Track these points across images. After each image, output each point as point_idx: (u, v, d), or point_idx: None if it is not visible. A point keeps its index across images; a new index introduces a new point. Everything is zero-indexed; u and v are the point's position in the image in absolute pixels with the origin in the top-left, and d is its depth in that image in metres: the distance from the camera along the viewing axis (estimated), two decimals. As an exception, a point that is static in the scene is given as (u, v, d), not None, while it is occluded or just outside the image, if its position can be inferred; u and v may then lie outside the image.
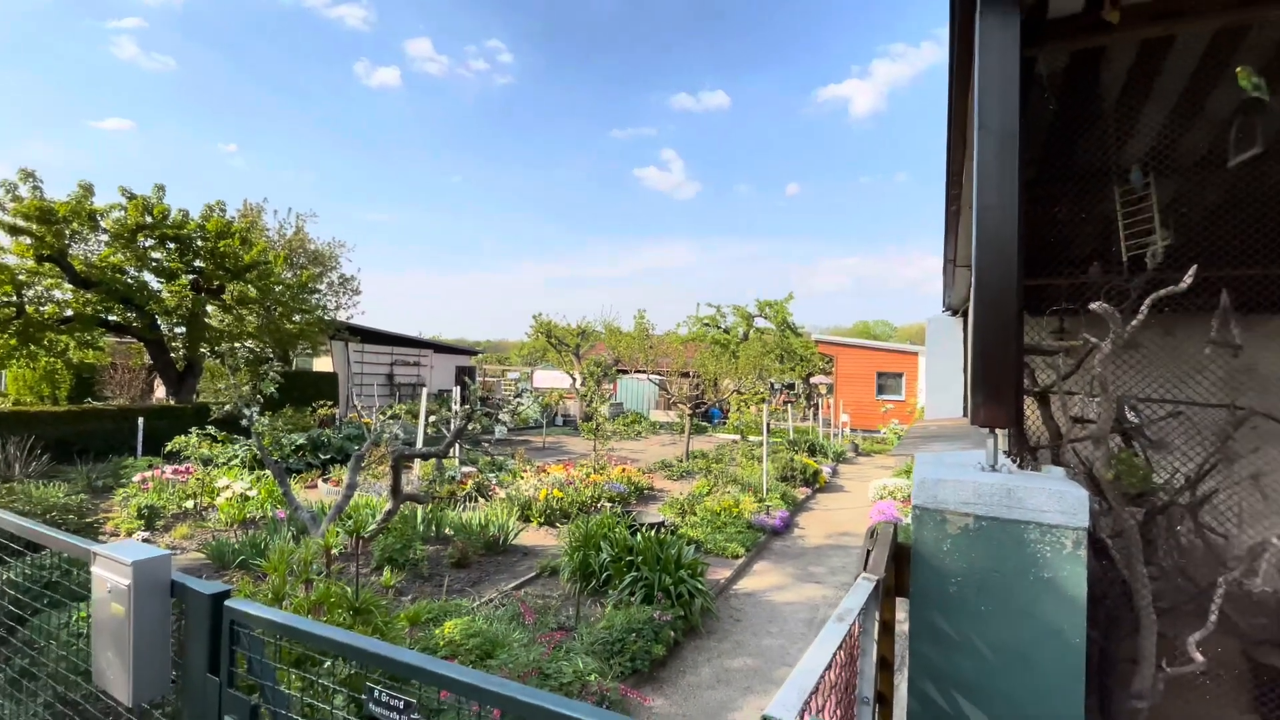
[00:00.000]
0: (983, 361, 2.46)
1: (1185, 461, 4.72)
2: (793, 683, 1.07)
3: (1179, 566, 3.84)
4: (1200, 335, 3.95)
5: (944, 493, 2.40)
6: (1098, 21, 2.52)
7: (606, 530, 6.40)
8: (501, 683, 1.26)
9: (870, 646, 1.73)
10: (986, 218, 2.45)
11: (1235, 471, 5.11)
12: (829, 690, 1.37)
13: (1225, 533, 4.58)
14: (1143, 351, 5.47)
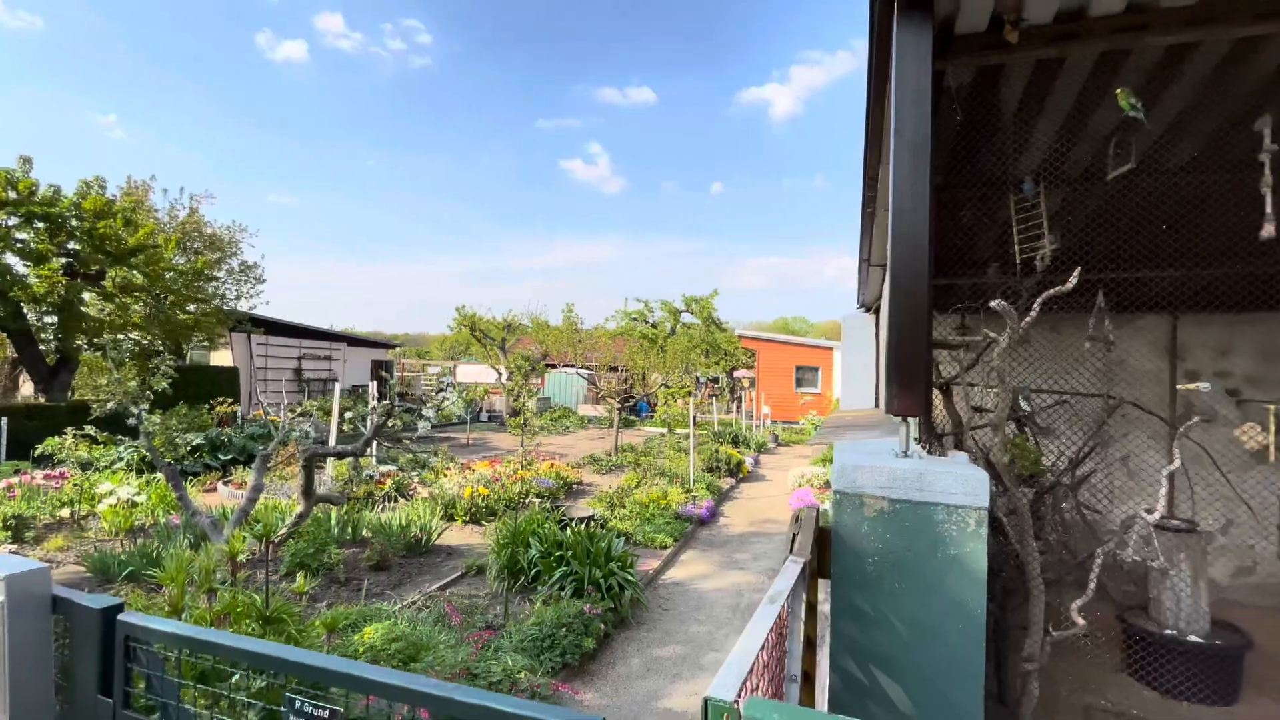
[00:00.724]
0: (896, 355, 2.61)
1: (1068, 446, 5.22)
2: (730, 665, 1.11)
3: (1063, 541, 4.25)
4: (1082, 332, 4.36)
5: (862, 478, 2.54)
6: (1000, 40, 2.72)
7: (535, 526, 6.33)
8: (433, 683, 1.23)
9: (797, 627, 1.81)
10: (901, 220, 2.60)
11: (1109, 454, 5.71)
12: (762, 669, 1.42)
13: (1100, 509, 5.11)
14: (1033, 346, 5.98)
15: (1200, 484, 5.59)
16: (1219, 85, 3.00)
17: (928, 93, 2.58)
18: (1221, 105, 3.15)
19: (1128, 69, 2.93)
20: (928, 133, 2.58)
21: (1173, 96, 3.12)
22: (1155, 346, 5.76)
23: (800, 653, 1.79)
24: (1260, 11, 2.50)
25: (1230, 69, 2.89)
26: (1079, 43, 2.71)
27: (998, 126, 3.43)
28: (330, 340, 23.99)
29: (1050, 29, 2.69)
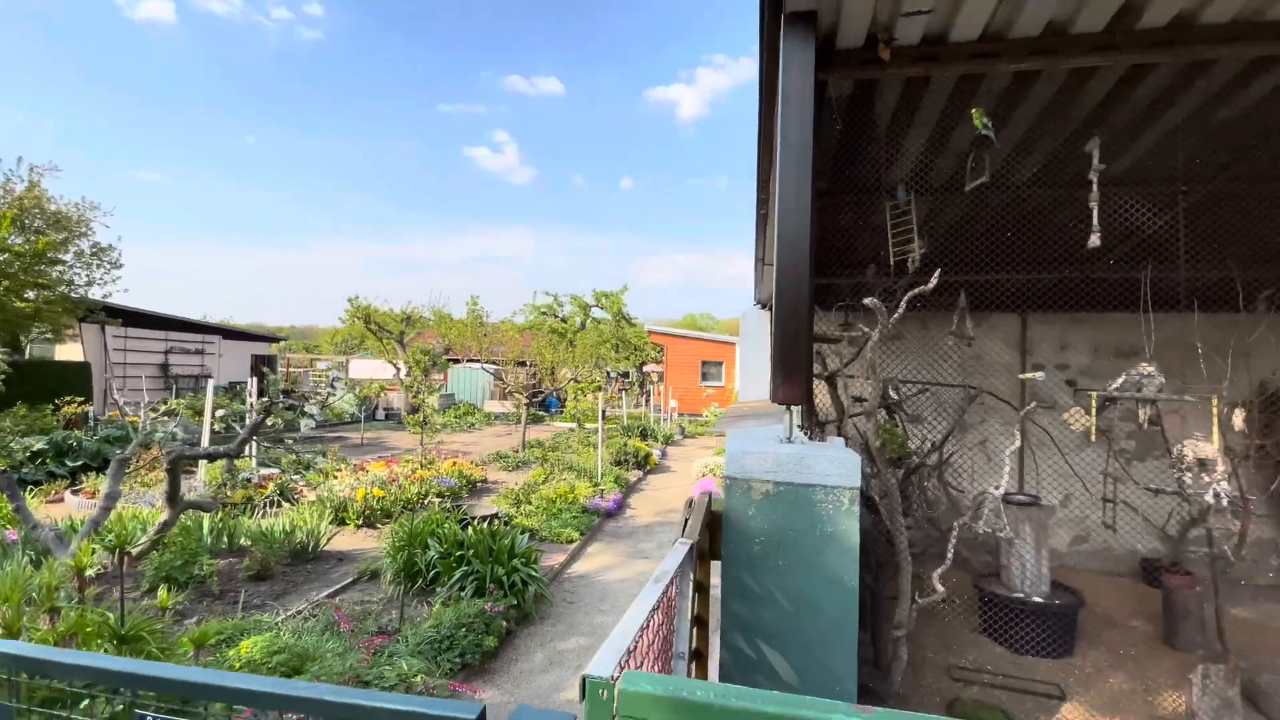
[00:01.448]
0: (781, 348, 2.77)
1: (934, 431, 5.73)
2: (610, 644, 1.14)
3: (929, 517, 4.68)
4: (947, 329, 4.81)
5: (749, 463, 2.67)
6: (875, 57, 2.94)
7: (434, 526, 6.13)
8: (302, 685, 1.18)
9: (685, 606, 1.89)
10: (785, 222, 2.75)
11: (970, 438, 6.33)
12: (647, 648, 1.47)
13: (963, 488, 5.65)
14: (906, 341, 6.51)
15: (1045, 463, 6.34)
16: (1058, 110, 3.41)
17: (810, 101, 2.75)
18: (1060, 128, 3.58)
19: (983, 91, 3.27)
20: (810, 139, 2.75)
21: (1020, 118, 3.51)
22: (1008, 342, 6.46)
23: (689, 631, 1.87)
24: (1092, 45, 2.87)
25: (1067, 96, 3.30)
26: (941, 65, 2.98)
27: (873, 137, 3.71)
28: (203, 333, 21.85)
29: (917, 50, 2.94)
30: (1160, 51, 2.81)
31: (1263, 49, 2.77)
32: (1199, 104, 3.25)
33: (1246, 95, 3.18)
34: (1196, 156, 3.64)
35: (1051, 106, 3.37)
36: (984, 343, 6.48)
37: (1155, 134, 3.53)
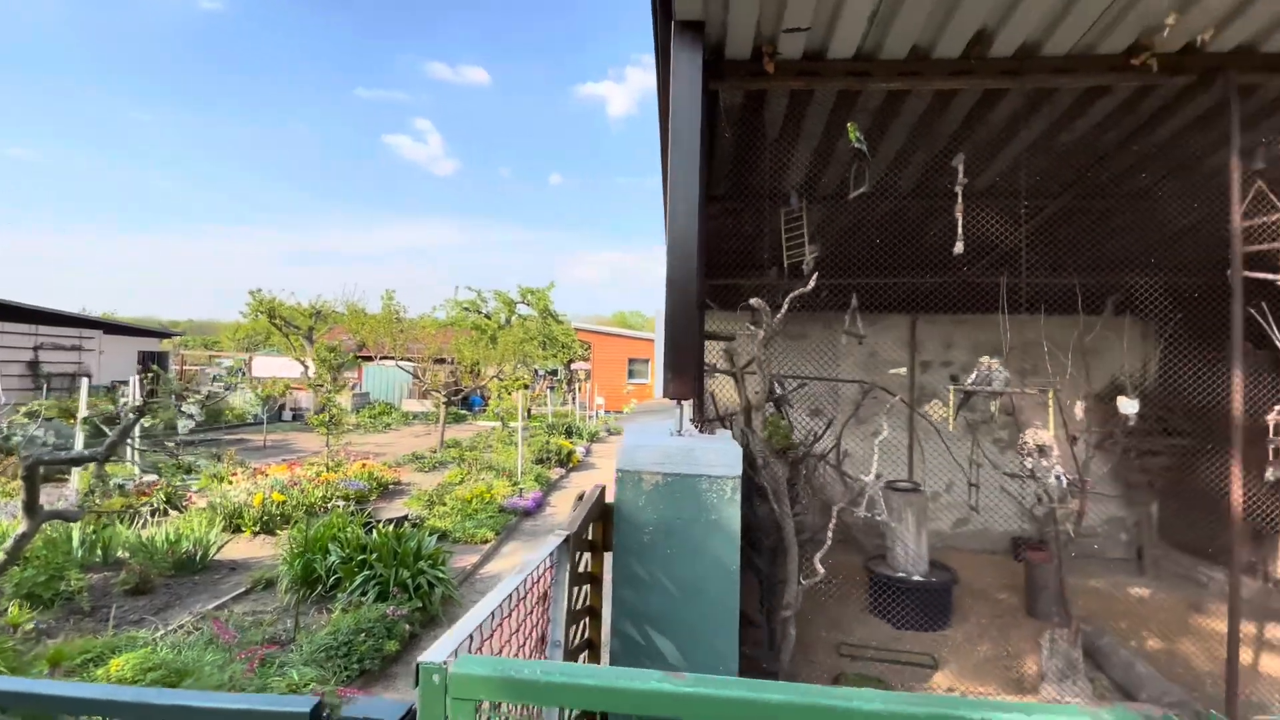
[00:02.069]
0: (671, 346, 2.87)
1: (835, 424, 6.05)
2: (451, 632, 1.18)
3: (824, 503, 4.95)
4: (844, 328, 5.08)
5: (641, 456, 2.76)
6: (760, 69, 3.10)
7: (336, 531, 5.89)
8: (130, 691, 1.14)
9: (561, 595, 1.94)
10: (675, 223, 2.86)
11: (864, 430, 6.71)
12: (510, 636, 1.52)
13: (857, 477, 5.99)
14: (810, 340, 6.84)
15: (931, 453, 6.85)
16: (926, 127, 3.71)
17: (698, 107, 2.86)
18: (931, 144, 3.89)
19: (860, 107, 3.51)
20: (698, 144, 2.86)
21: (895, 133, 3.79)
22: (899, 341, 6.93)
23: (564, 619, 1.92)
24: (951, 70, 3.15)
25: (933, 115, 3.59)
26: (822, 79, 3.18)
27: (765, 146, 3.90)
28: (81, 327, 19.87)
29: (799, 64, 3.12)
30: (1009, 79, 3.12)
31: (1096, 80, 3.13)
32: (1045, 127, 3.63)
33: (1085, 121, 3.58)
34: (1046, 174, 4.06)
35: (921, 124, 3.66)
36: (879, 341, 6.93)
37: (1011, 153, 3.91)
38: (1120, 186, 4.15)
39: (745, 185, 4.37)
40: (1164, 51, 2.93)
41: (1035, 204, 4.44)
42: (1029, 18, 2.77)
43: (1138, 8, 2.70)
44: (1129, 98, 3.37)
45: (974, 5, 2.71)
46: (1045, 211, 4.47)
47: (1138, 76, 3.03)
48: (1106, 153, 3.81)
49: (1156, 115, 3.44)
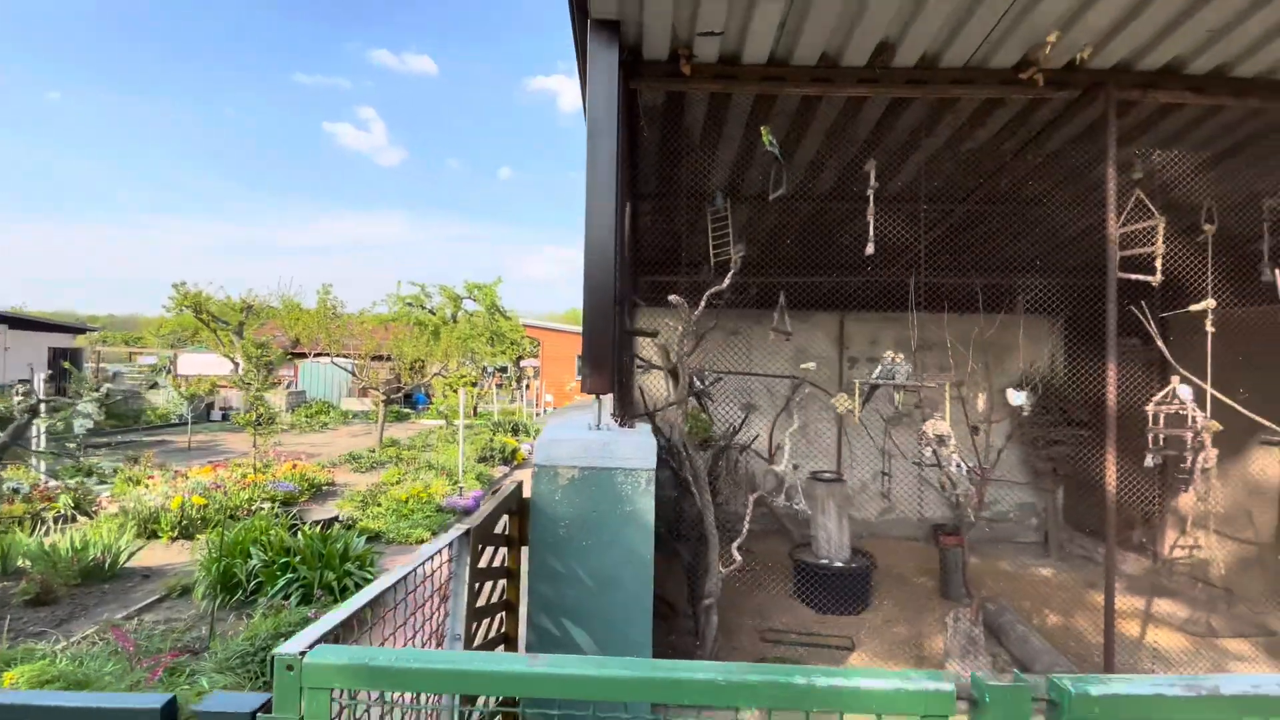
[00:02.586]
0: (589, 341, 2.91)
1: (764, 417, 6.23)
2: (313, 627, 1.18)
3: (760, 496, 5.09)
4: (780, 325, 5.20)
5: (557, 451, 2.79)
6: (678, 70, 3.16)
7: (258, 534, 5.69)
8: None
9: (461, 589, 1.95)
10: (593, 221, 2.89)
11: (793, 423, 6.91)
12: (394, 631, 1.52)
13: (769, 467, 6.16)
14: (743, 336, 6.99)
15: (859, 445, 7.13)
16: (840, 132, 3.86)
17: (615, 104, 2.91)
18: (846, 149, 4.06)
19: (777, 111, 3.62)
20: (614, 141, 2.91)
21: (812, 137, 3.94)
22: (829, 337, 7.18)
23: (464, 613, 1.94)
24: (859, 78, 3.29)
25: (846, 120, 3.74)
26: (739, 83, 3.27)
27: (690, 146, 3.98)
28: (-19, 323, 18.37)
29: (716, 68, 3.20)
30: (913, 88, 3.29)
31: (991, 92, 3.33)
32: (949, 135, 3.84)
33: (984, 130, 3.81)
34: (952, 180, 4.30)
35: (835, 129, 3.81)
36: (809, 338, 7.16)
37: (919, 159, 4.12)
38: (1019, 193, 4.43)
39: (674, 184, 4.44)
40: (1049, 67, 3.15)
41: (943, 208, 4.69)
42: (926, 31, 2.93)
43: (1024, 25, 2.90)
44: (1022, 109, 3.61)
45: (876, 17, 2.85)
46: (954, 216, 4.73)
47: (1027, 90, 3.25)
48: (1005, 161, 4.06)
49: (1047, 127, 3.70)
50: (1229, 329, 4.28)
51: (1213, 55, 3.12)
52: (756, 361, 6.71)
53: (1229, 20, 2.86)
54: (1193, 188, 3.94)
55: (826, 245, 4.87)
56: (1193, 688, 1.03)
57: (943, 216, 4.86)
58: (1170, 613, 5.09)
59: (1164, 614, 5.08)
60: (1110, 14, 2.81)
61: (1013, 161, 4.02)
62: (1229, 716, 1.03)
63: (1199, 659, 4.34)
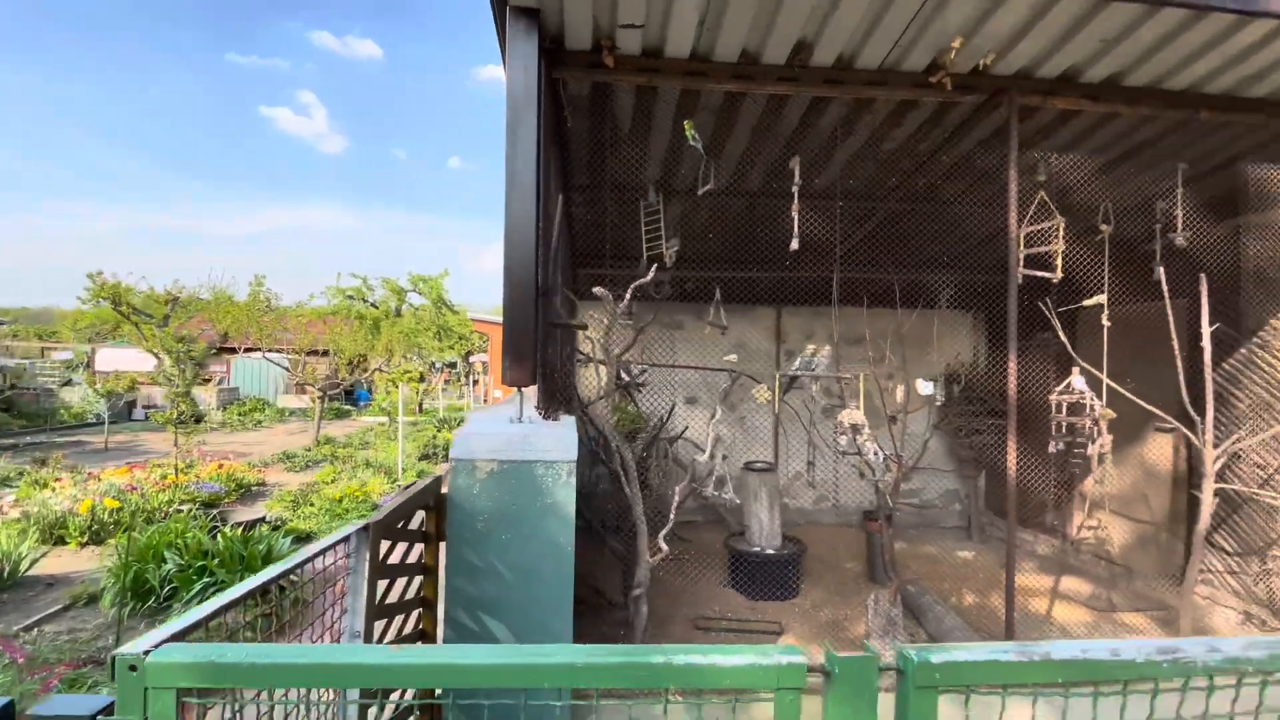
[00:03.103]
0: (510, 333, 2.88)
1: (704, 409, 6.31)
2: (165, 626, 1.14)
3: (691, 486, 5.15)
4: (717, 320, 5.28)
5: (475, 444, 2.75)
6: (601, 61, 3.15)
7: (174, 537, 5.41)
8: None
9: (360, 585, 1.91)
10: (513, 209, 2.86)
11: (732, 416, 7.04)
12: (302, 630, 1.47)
13: (694, 457, 6.25)
14: (685, 330, 7.05)
15: (794, 435, 7.31)
16: (765, 129, 3.94)
17: (534, 92, 2.88)
18: (772, 146, 4.14)
19: (703, 106, 3.66)
20: (534, 130, 2.88)
21: (739, 133, 4.00)
22: (767, 331, 7.33)
23: (364, 609, 1.90)
24: (779, 76, 3.35)
25: (770, 118, 3.82)
26: (663, 76, 3.29)
27: (619, 138, 3.98)
28: None
29: (640, 60, 3.21)
30: (831, 88, 3.38)
31: (904, 94, 3.46)
32: (868, 135, 3.97)
33: (901, 130, 3.95)
34: (874, 180, 4.45)
35: (760, 126, 3.89)
36: (747, 332, 7.29)
37: (842, 157, 4.25)
38: (937, 194, 4.63)
39: (606, 177, 4.43)
40: (956, 72, 3.29)
41: (867, 206, 4.84)
42: (841, 32, 3.01)
43: (931, 30, 3.02)
44: (935, 112, 3.76)
45: (792, 16, 2.91)
46: (877, 214, 4.89)
47: (937, 93, 3.39)
48: (921, 161, 4.23)
49: (958, 129, 3.87)
50: (1130, 325, 4.59)
51: (1106, 64, 3.32)
52: (698, 355, 6.79)
53: (1119, 31, 3.05)
54: (1091, 191, 4.20)
55: (759, 241, 4.96)
56: (1025, 653, 1.11)
57: (867, 214, 5.02)
58: (1076, 590, 5.44)
59: (1070, 591, 5.42)
60: (1010, 22, 2.96)
61: (929, 162, 4.19)
62: (1058, 677, 1.11)
63: (1097, 632, 4.66)
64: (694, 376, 7.10)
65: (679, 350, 7.06)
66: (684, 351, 7.12)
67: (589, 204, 4.88)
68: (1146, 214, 4.51)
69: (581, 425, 4.41)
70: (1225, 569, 4.77)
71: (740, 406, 6.93)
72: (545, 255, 3.06)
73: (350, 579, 1.88)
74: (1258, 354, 4.50)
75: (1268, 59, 3.15)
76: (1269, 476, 4.45)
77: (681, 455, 7.17)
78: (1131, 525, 5.74)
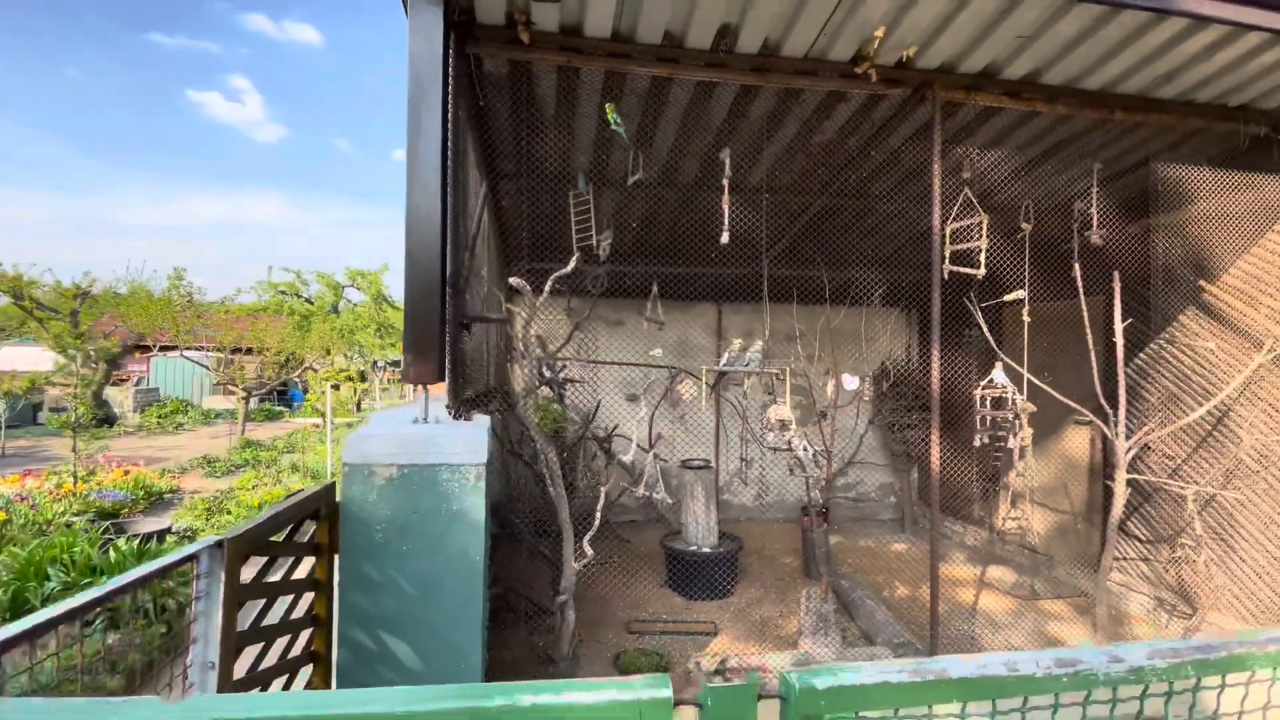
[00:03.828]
0: (412, 326, 2.67)
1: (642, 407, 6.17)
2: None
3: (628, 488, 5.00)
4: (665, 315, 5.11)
5: (371, 447, 2.53)
6: (517, 37, 2.96)
7: (60, 552, 4.93)
8: None
9: (213, 609, 1.68)
10: (415, 191, 2.64)
11: (673, 414, 6.94)
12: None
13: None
14: (626, 326, 6.89)
15: (735, 432, 7.27)
16: (695, 118, 3.82)
17: (439, 68, 2.67)
18: (703, 136, 4.03)
19: (630, 91, 3.51)
20: (439, 109, 2.67)
21: (669, 122, 3.87)
22: (708, 328, 7.27)
23: (218, 638, 1.67)
24: (705, 62, 3.24)
25: (699, 105, 3.70)
26: (583, 57, 3.12)
27: (544, 124, 3.79)
28: None
29: (559, 38, 3.04)
30: (758, 76, 3.29)
31: (831, 85, 3.39)
32: (799, 127, 3.91)
33: (831, 124, 3.91)
34: (807, 174, 4.41)
35: (690, 114, 3.77)
36: (688, 328, 7.21)
37: (774, 150, 4.19)
38: (869, 189, 4.63)
39: (535, 165, 4.23)
40: (881, 63, 3.25)
41: (802, 201, 4.81)
42: (764, 15, 2.92)
43: (855, 18, 2.95)
44: (863, 105, 3.73)
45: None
46: (811, 209, 4.87)
47: (863, 85, 3.34)
48: (852, 157, 4.21)
49: (886, 125, 3.85)
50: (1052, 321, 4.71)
51: (1024, 61, 3.34)
52: (640, 352, 6.66)
53: (1034, 28, 3.06)
54: (1014, 190, 4.26)
55: (694, 235, 4.85)
56: (919, 672, 1.00)
57: (800, 210, 4.99)
58: (1001, 578, 5.58)
59: (996, 579, 5.55)
60: (929, 15, 2.93)
61: (859, 158, 4.17)
62: (955, 697, 1.01)
63: (1022, 619, 4.77)
64: (636, 374, 6.97)
65: (622, 347, 6.91)
66: (627, 348, 6.98)
67: (522, 194, 4.66)
68: (1066, 213, 4.63)
69: (507, 425, 4.21)
70: (1139, 556, 4.96)
71: (681, 404, 6.84)
72: (455, 244, 2.86)
73: (201, 604, 1.65)
74: (1166, 349, 4.69)
75: (1177, 60, 3.23)
76: (1177, 467, 4.64)
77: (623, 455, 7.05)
78: (1053, 515, 5.94)
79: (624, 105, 3.59)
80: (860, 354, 6.41)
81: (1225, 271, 4.26)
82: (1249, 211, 3.91)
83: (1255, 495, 4.09)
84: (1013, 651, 1.10)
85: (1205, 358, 4.33)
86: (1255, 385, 4.09)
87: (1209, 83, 3.49)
